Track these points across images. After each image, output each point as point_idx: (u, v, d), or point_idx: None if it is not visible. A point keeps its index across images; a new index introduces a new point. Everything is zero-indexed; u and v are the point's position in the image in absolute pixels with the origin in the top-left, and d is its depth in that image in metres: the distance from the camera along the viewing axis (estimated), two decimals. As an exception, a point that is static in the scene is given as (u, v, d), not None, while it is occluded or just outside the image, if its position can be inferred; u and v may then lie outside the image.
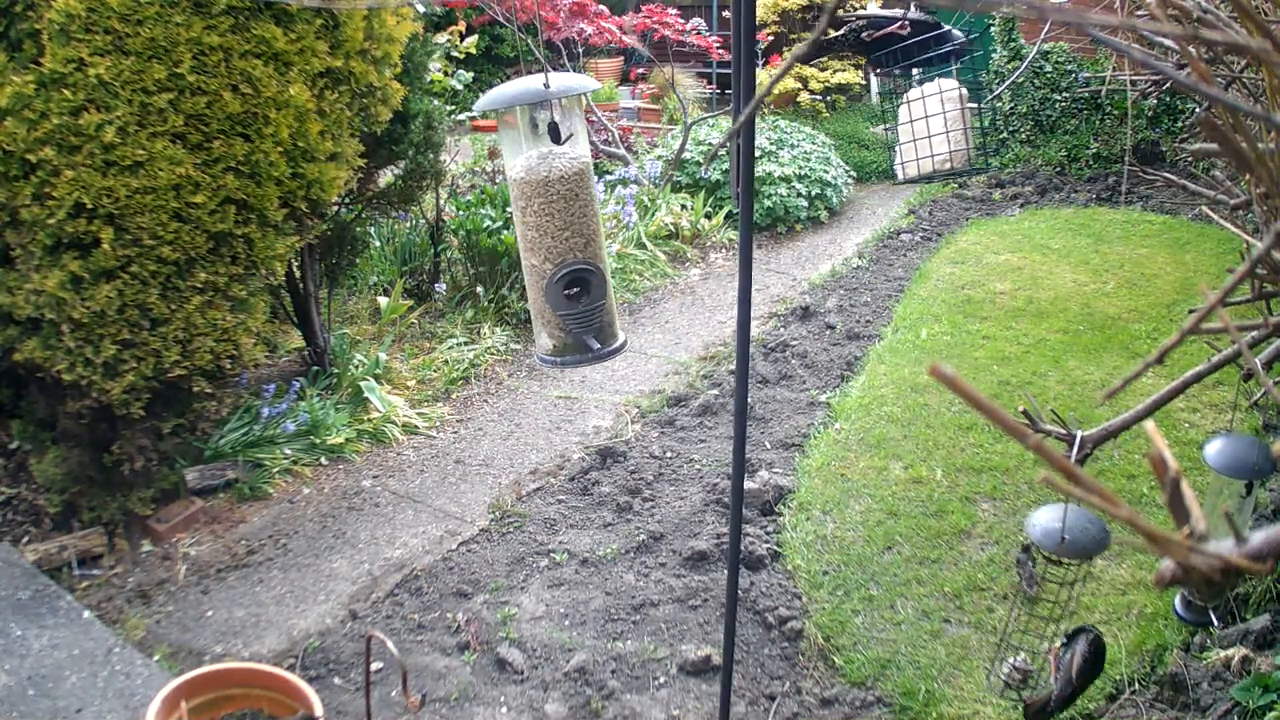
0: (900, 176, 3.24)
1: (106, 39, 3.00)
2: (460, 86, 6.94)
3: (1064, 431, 1.79)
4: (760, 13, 9.65)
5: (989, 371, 4.90)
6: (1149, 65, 0.61)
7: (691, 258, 6.82)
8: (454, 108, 7.00)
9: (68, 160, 3.01)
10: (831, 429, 4.42)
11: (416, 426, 4.55)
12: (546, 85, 1.79)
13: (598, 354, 2.02)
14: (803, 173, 7.47)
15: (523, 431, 4.56)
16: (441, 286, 5.70)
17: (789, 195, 7.30)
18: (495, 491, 4.04)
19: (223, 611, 3.31)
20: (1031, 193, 7.98)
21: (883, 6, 9.08)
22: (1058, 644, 2.11)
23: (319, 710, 2.38)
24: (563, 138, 1.90)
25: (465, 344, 5.25)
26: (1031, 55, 3.43)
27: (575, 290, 1.98)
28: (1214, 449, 1.78)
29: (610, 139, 8.03)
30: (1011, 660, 2.22)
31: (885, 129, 9.04)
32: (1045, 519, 1.77)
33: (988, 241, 6.90)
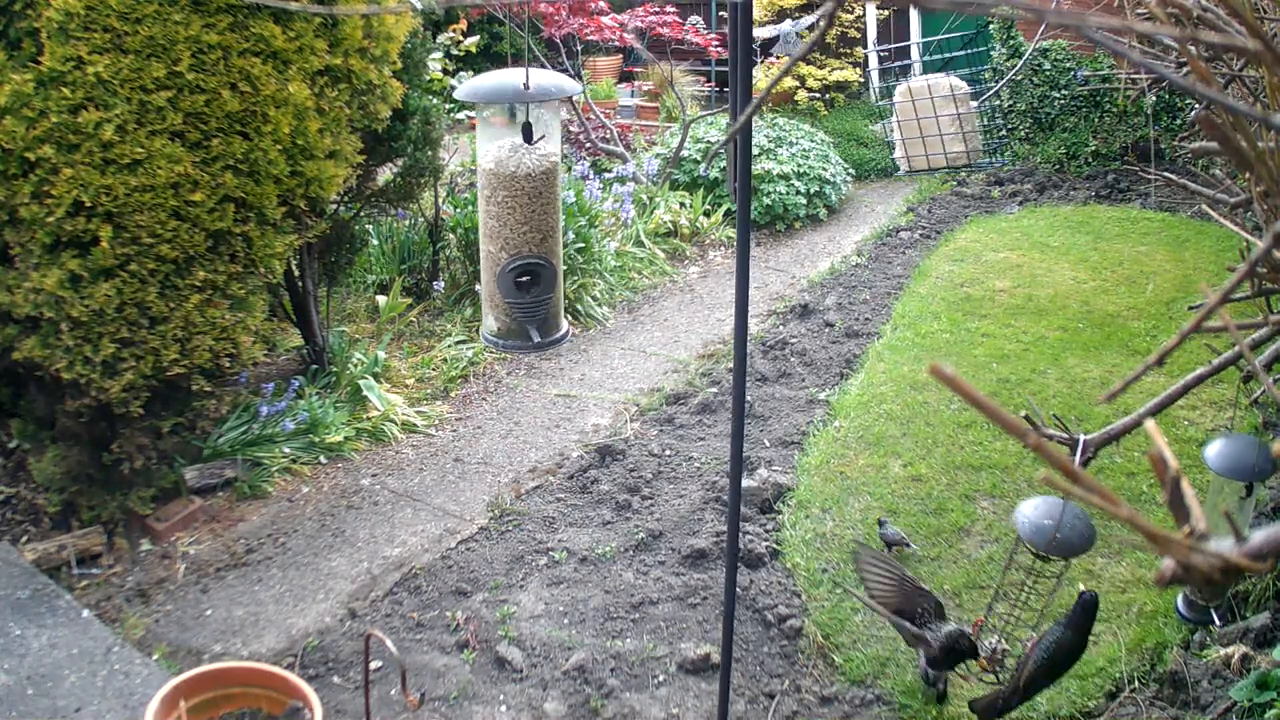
0: (902, 170, 3.28)
1: (105, 37, 3.00)
2: (460, 85, 6.93)
3: (1066, 436, 1.79)
4: (757, 13, 9.63)
5: (988, 369, 4.90)
6: (1147, 67, 0.61)
7: (690, 255, 6.82)
8: (452, 106, 7.00)
9: (66, 158, 3.00)
10: (830, 427, 4.43)
11: (415, 425, 4.55)
12: (526, 87, 1.79)
13: (538, 345, 2.11)
14: (801, 170, 7.46)
15: (521, 430, 4.56)
16: (440, 284, 5.69)
17: (788, 193, 7.30)
18: (494, 490, 4.04)
19: (222, 610, 3.31)
20: (1031, 190, 7.98)
21: (881, 7, 9.07)
22: (1037, 634, 2.14)
23: (318, 709, 2.38)
24: (535, 138, 1.92)
25: (464, 342, 5.25)
26: (1028, 54, 3.43)
27: (525, 280, 2.04)
28: (1214, 450, 1.78)
29: (609, 136, 8.03)
30: (989, 642, 2.24)
31: (885, 124, 9.03)
32: (1033, 513, 1.77)
33: (987, 239, 6.90)
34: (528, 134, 1.90)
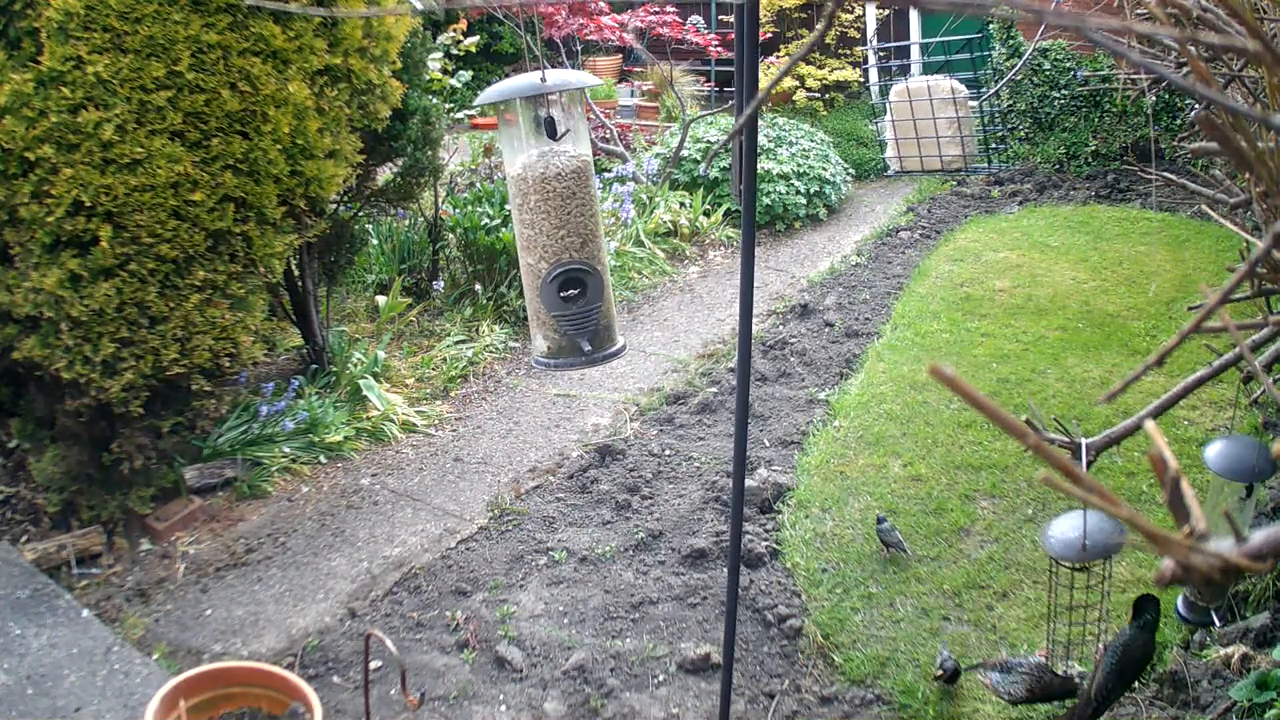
0: (892, 169, 3.29)
1: (105, 37, 2.99)
2: (459, 85, 6.93)
3: (1068, 440, 1.79)
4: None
5: (988, 369, 4.90)
6: (1147, 67, 0.61)
7: (690, 255, 6.82)
8: (452, 106, 7.00)
9: (66, 158, 3.00)
10: (830, 426, 4.43)
11: (415, 424, 4.55)
12: (543, 79, 1.79)
13: (591, 357, 1.98)
14: (801, 170, 7.46)
15: (521, 429, 4.56)
16: (440, 284, 5.69)
17: (788, 193, 7.30)
18: (494, 489, 4.04)
19: (221, 610, 3.31)
20: (1030, 190, 7.98)
21: (881, 7, 9.06)
22: (1101, 646, 2.13)
23: (317, 709, 2.38)
24: (559, 133, 1.90)
25: (464, 342, 5.25)
26: (1027, 54, 3.43)
27: (571, 291, 1.95)
28: (1214, 451, 1.78)
29: (608, 136, 8.03)
30: (1063, 668, 2.24)
31: (879, 123, 9.03)
32: (1060, 531, 1.78)
33: (987, 239, 6.90)
34: (551, 129, 1.88)
